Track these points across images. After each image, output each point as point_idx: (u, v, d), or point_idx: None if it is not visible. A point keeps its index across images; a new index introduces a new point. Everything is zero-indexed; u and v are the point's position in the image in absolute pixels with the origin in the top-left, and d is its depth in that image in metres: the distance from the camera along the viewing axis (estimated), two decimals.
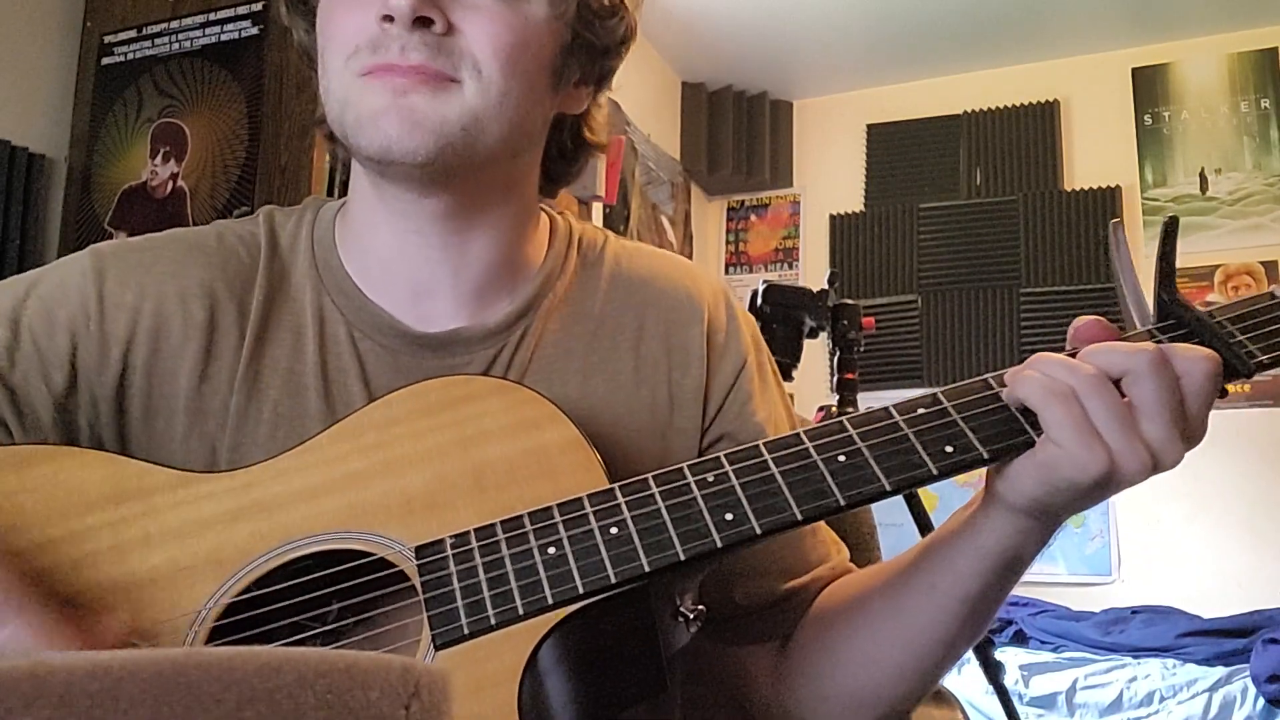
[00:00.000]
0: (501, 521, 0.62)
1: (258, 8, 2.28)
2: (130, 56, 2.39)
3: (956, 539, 0.69)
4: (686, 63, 4.34)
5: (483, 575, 0.60)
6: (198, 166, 2.27)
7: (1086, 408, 0.60)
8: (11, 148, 2.27)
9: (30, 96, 2.37)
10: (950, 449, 0.61)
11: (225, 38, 2.30)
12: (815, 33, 4.08)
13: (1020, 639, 3.36)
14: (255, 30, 2.28)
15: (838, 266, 4.34)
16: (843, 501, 0.61)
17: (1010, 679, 2.79)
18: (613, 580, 0.59)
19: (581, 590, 0.59)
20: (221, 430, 0.73)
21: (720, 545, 0.60)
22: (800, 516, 0.61)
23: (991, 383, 0.64)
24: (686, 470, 0.63)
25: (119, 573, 0.63)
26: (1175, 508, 3.77)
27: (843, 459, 0.62)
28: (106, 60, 2.41)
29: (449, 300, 0.79)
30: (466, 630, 0.59)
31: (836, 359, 2.00)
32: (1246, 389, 3.83)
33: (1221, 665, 2.95)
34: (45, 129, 2.38)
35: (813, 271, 4.48)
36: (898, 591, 0.73)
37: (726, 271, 4.74)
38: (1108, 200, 4.09)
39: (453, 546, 0.62)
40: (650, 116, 4.10)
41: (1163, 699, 2.94)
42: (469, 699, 0.57)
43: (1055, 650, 3.25)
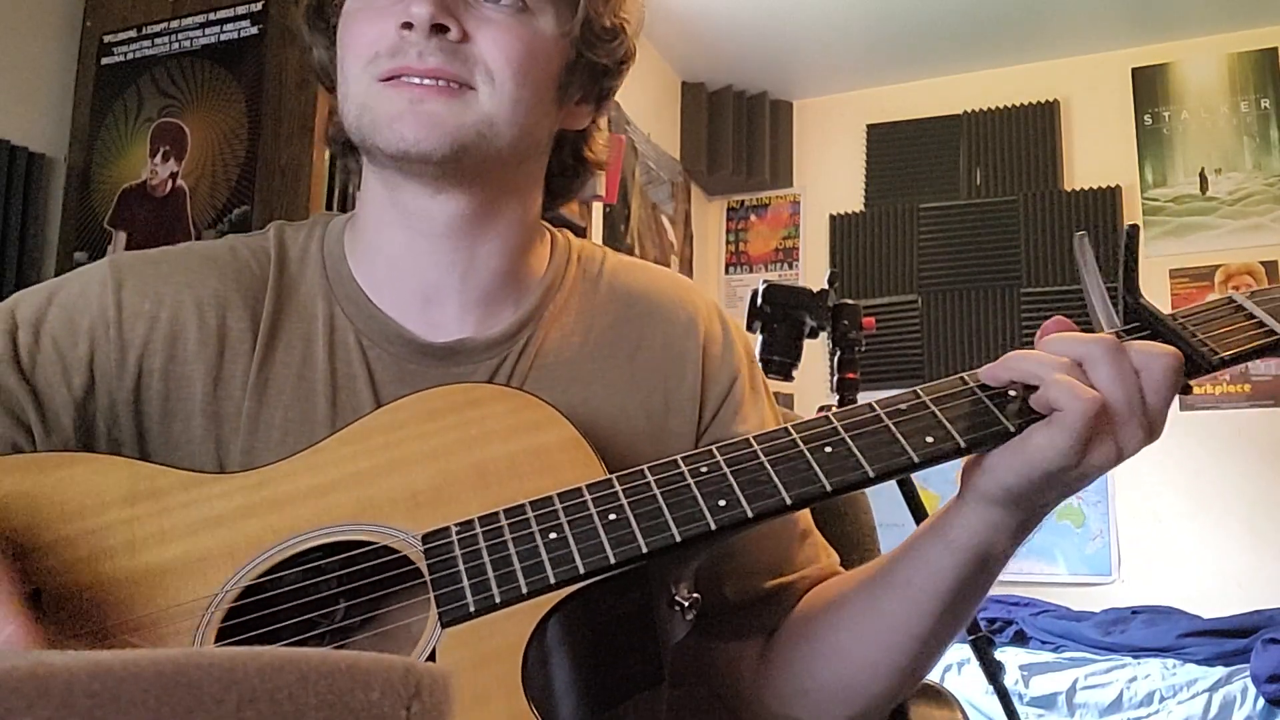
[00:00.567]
0: (504, 510, 0.65)
1: (257, 8, 2.28)
2: (130, 56, 2.39)
3: (930, 536, 0.72)
4: (686, 63, 4.35)
5: (487, 557, 0.63)
6: (197, 166, 2.28)
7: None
8: (11, 148, 2.27)
9: (30, 96, 2.37)
10: (930, 439, 0.65)
11: (225, 38, 2.30)
12: (815, 33, 4.08)
13: (1020, 639, 3.37)
14: (255, 30, 2.28)
15: (838, 266, 4.34)
16: (829, 487, 0.64)
17: (1010, 679, 2.79)
18: (612, 560, 0.62)
19: (582, 570, 0.61)
20: (235, 434, 0.76)
21: (714, 528, 0.63)
22: (789, 501, 0.63)
23: (967, 379, 0.68)
24: (680, 461, 0.66)
25: (134, 565, 0.65)
26: (1175, 507, 3.77)
27: (829, 449, 0.65)
28: (106, 60, 2.41)
29: (456, 307, 0.82)
30: (472, 608, 0.61)
31: (837, 359, 2.00)
32: (1247, 389, 3.83)
33: (1221, 665, 2.95)
34: (45, 129, 2.39)
35: (813, 271, 4.48)
36: (875, 588, 0.76)
37: (726, 271, 4.74)
38: (1108, 200, 4.09)
39: (458, 533, 0.64)
40: (650, 116, 4.11)
41: (1163, 699, 2.94)
42: (474, 672, 0.59)
43: (1055, 650, 3.25)
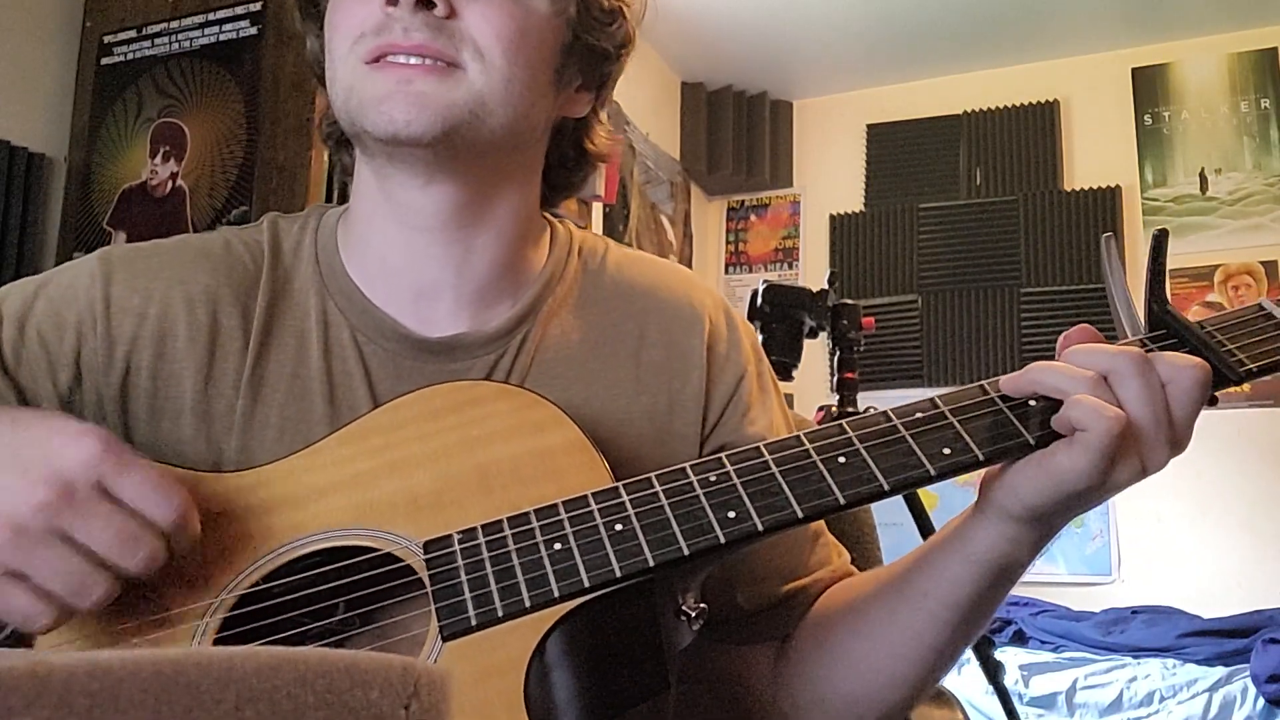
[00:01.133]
0: (508, 518, 0.63)
1: (256, 8, 2.28)
2: (130, 56, 2.39)
3: (949, 547, 0.70)
4: (686, 63, 4.34)
5: (490, 569, 0.61)
6: (197, 166, 2.27)
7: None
8: (11, 148, 2.27)
9: (30, 96, 2.37)
10: (948, 450, 0.63)
11: (224, 38, 2.30)
12: (815, 33, 4.08)
13: (1020, 639, 3.36)
14: (254, 30, 2.28)
15: (838, 266, 4.34)
16: (843, 500, 0.62)
17: (1010, 679, 2.79)
18: (618, 574, 0.60)
19: (587, 584, 0.60)
20: (228, 433, 0.74)
21: (724, 541, 0.61)
22: (801, 514, 0.61)
23: (987, 389, 0.66)
24: (689, 470, 0.64)
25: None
26: (1175, 508, 3.77)
27: (842, 460, 0.63)
28: (106, 60, 2.41)
29: (451, 302, 0.79)
30: (474, 622, 0.59)
31: (836, 359, 2.00)
32: (1246, 389, 3.82)
33: (1221, 665, 2.95)
34: (45, 129, 2.38)
35: (813, 271, 4.48)
36: (892, 598, 0.74)
37: (726, 271, 4.73)
38: (1108, 200, 4.09)
39: (460, 541, 0.62)
40: (650, 116, 4.10)
41: (1163, 699, 2.94)
42: (475, 687, 0.57)
43: (1055, 650, 3.25)
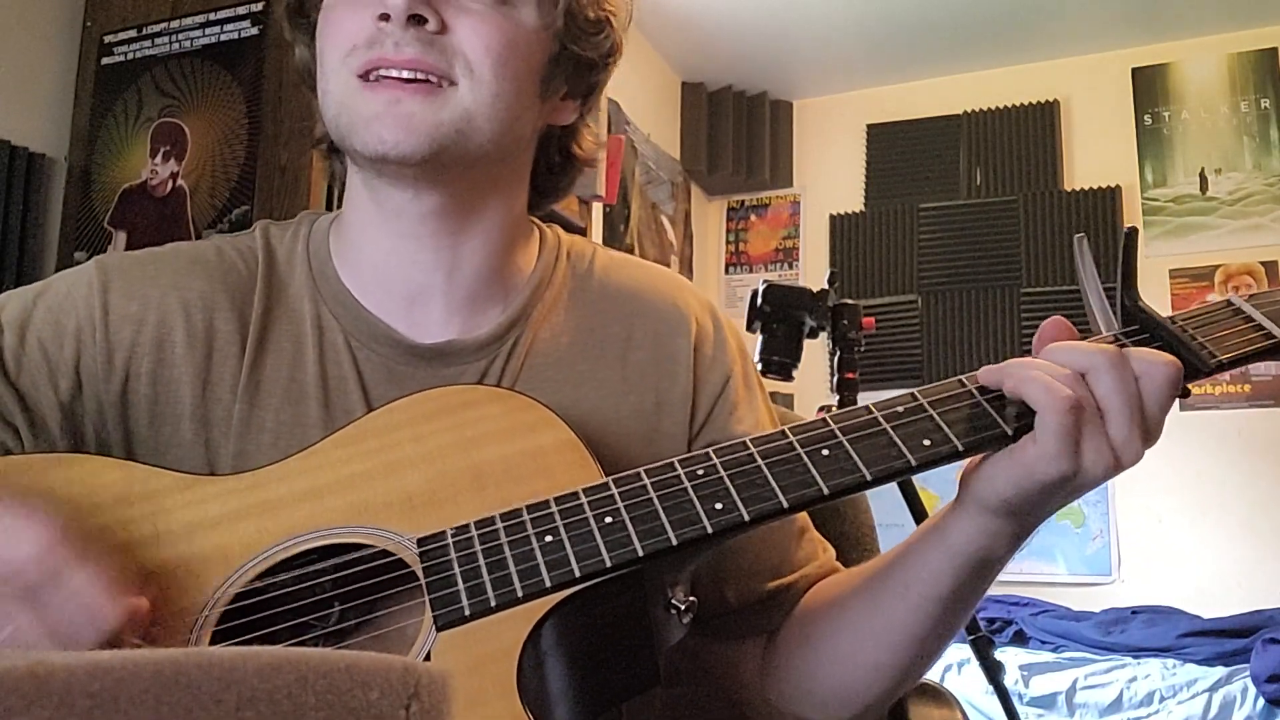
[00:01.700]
0: (500, 514, 0.64)
1: (257, 8, 2.28)
2: (130, 56, 2.39)
3: (929, 540, 0.71)
4: (686, 63, 4.34)
5: (483, 561, 0.62)
6: (197, 166, 2.27)
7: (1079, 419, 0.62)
8: (11, 148, 2.27)
9: (30, 96, 2.37)
10: (928, 441, 0.64)
11: (225, 38, 2.30)
12: (815, 33, 4.08)
13: (1020, 639, 3.36)
14: (255, 30, 2.28)
15: (838, 266, 4.34)
16: (826, 490, 0.63)
17: (1010, 679, 2.79)
18: (608, 564, 0.61)
19: (578, 574, 0.61)
20: (226, 438, 0.75)
21: (711, 531, 0.62)
22: (786, 504, 0.63)
23: (965, 381, 0.67)
24: (677, 464, 0.65)
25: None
26: (1175, 508, 3.77)
27: (825, 452, 0.64)
28: (106, 60, 2.41)
29: (441, 307, 0.81)
30: (467, 611, 0.60)
31: (837, 359, 2.00)
32: (1247, 389, 3.83)
33: (1221, 665, 2.95)
34: (45, 129, 2.38)
35: (813, 271, 4.48)
36: (874, 591, 0.76)
37: (726, 271, 4.73)
38: (1108, 200, 4.09)
39: (453, 536, 0.64)
40: (650, 116, 4.10)
41: (1163, 699, 2.94)
42: (469, 676, 0.58)
43: (1055, 650, 3.25)
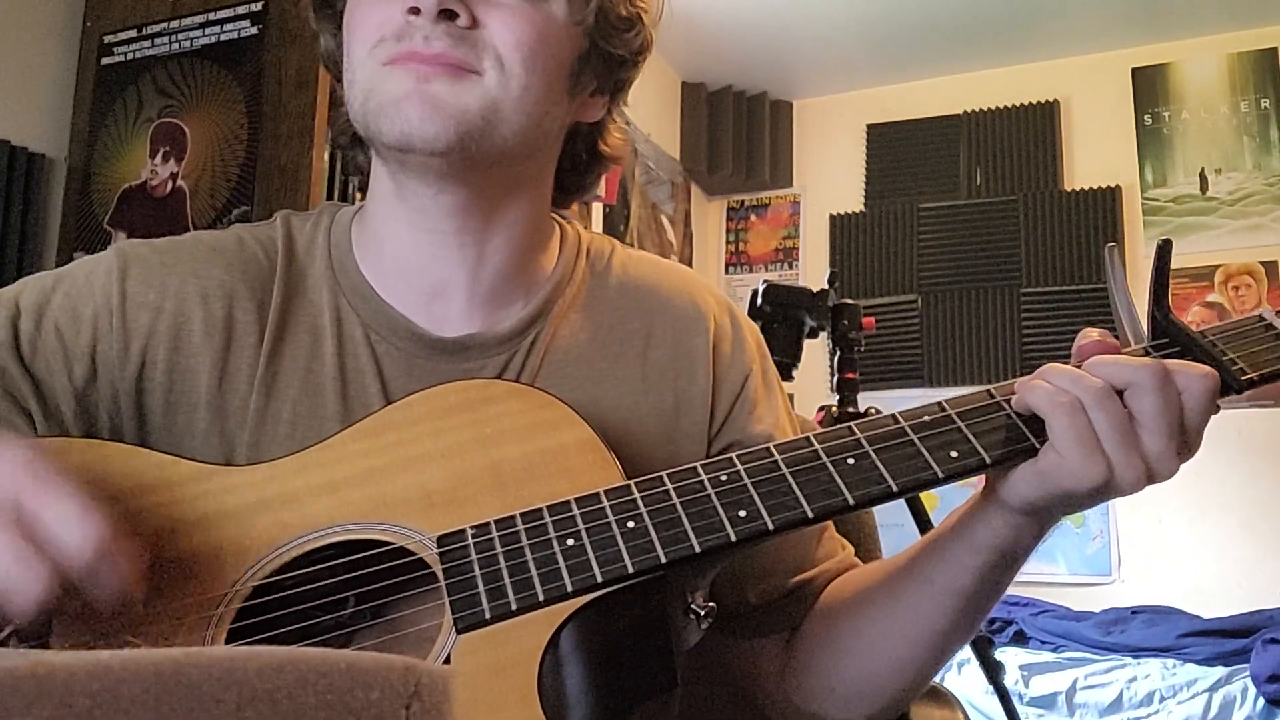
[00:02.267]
0: (522, 514, 0.64)
1: (257, 8, 2.28)
2: (130, 56, 2.39)
3: (954, 536, 0.71)
4: (686, 63, 4.34)
5: (504, 563, 0.61)
6: (197, 166, 2.27)
7: (1091, 419, 0.62)
8: (11, 148, 2.27)
9: (30, 96, 2.37)
10: (955, 454, 0.64)
11: (225, 38, 2.30)
12: (815, 33, 4.08)
13: (1020, 639, 3.36)
14: (255, 30, 2.28)
15: (838, 266, 4.34)
16: (852, 500, 0.63)
17: (1010, 679, 2.79)
18: (630, 570, 0.60)
19: (600, 579, 0.60)
20: (241, 428, 0.75)
21: (734, 539, 0.61)
22: (811, 514, 0.62)
23: (994, 393, 0.67)
24: (700, 469, 0.65)
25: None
26: (1176, 508, 3.77)
27: (851, 461, 0.64)
28: (106, 60, 2.41)
29: (463, 303, 0.80)
30: (488, 614, 0.60)
31: (837, 359, 2.00)
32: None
33: (1221, 665, 2.95)
34: (45, 129, 2.38)
35: (813, 271, 4.48)
36: (897, 587, 0.76)
37: (726, 271, 4.73)
38: (1108, 200, 4.09)
39: (474, 535, 0.63)
40: (650, 116, 4.10)
41: (1163, 699, 2.94)
42: (490, 679, 0.58)
43: (1055, 650, 3.25)
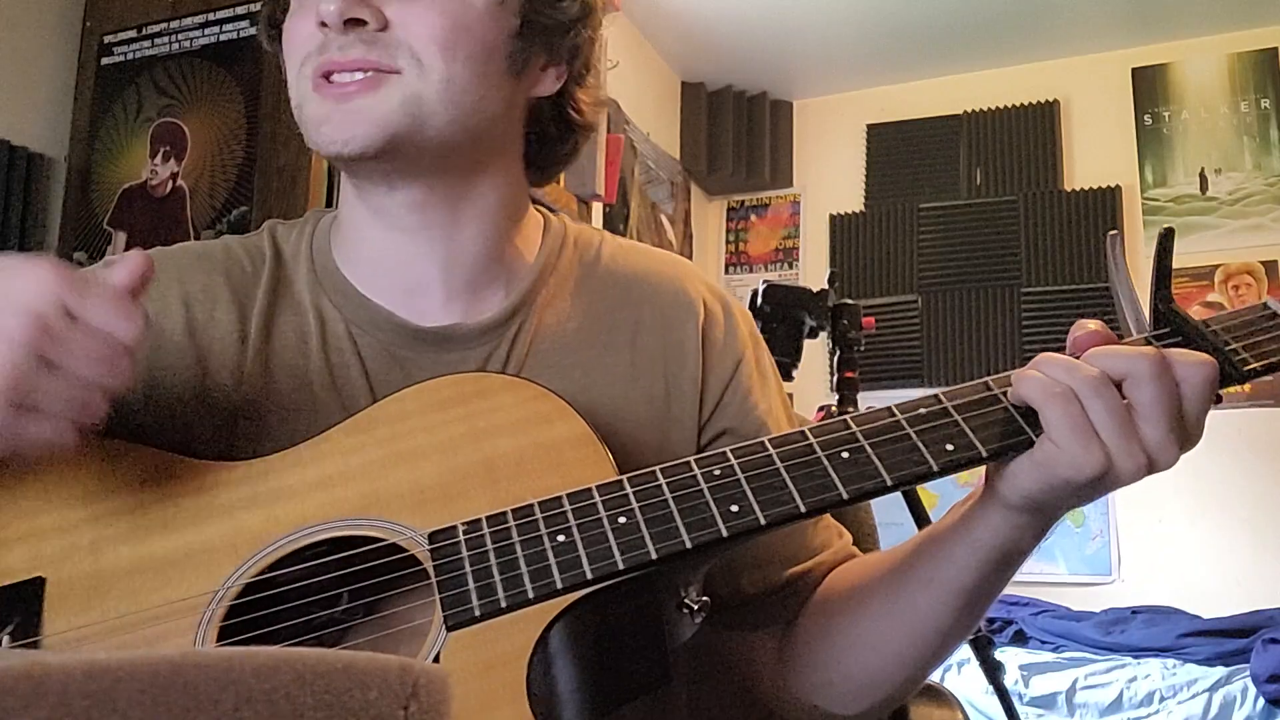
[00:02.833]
0: (512, 510, 0.63)
1: (256, 8, 2.28)
2: (130, 56, 2.39)
3: (954, 533, 0.71)
4: (686, 62, 4.34)
5: (494, 560, 0.61)
6: (197, 166, 2.27)
7: (1086, 408, 0.61)
8: (11, 148, 2.26)
9: (30, 96, 2.37)
10: (951, 447, 0.63)
11: (224, 38, 2.30)
12: (815, 33, 4.08)
13: (1020, 639, 3.36)
14: (254, 30, 2.27)
15: (838, 266, 4.34)
16: (845, 495, 0.62)
17: (1010, 679, 2.79)
18: (620, 566, 0.60)
19: (590, 575, 0.60)
20: (226, 426, 0.75)
21: (726, 535, 0.61)
22: (804, 508, 0.62)
23: (991, 385, 0.66)
24: (693, 464, 0.64)
25: (138, 554, 0.64)
26: (1176, 508, 3.77)
27: (846, 455, 0.63)
28: (106, 60, 2.41)
29: (441, 295, 0.80)
30: (478, 612, 0.60)
31: (836, 359, 2.00)
32: (1247, 389, 3.82)
33: (1221, 665, 2.94)
34: (45, 129, 2.38)
35: (813, 271, 4.48)
36: (897, 583, 0.75)
37: (726, 271, 4.73)
38: (1108, 200, 4.08)
39: (465, 532, 0.63)
40: (650, 116, 4.10)
41: (1163, 699, 2.94)
42: (479, 677, 0.58)
43: (1055, 650, 3.25)
